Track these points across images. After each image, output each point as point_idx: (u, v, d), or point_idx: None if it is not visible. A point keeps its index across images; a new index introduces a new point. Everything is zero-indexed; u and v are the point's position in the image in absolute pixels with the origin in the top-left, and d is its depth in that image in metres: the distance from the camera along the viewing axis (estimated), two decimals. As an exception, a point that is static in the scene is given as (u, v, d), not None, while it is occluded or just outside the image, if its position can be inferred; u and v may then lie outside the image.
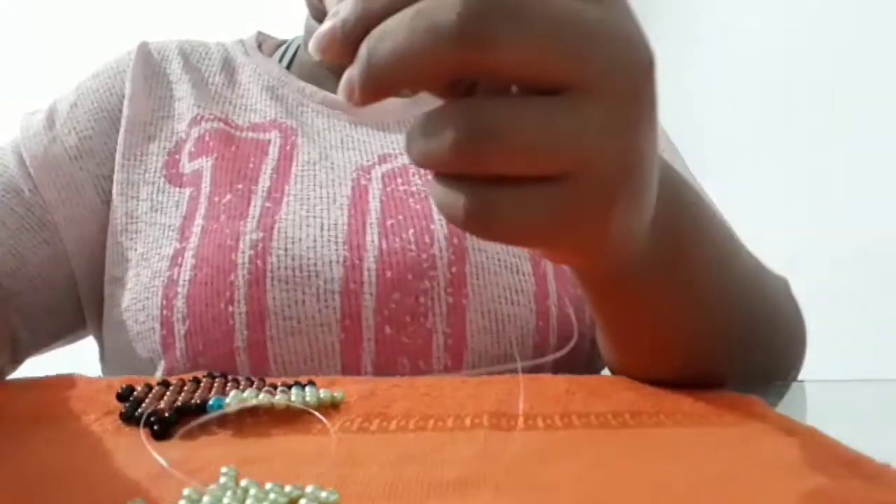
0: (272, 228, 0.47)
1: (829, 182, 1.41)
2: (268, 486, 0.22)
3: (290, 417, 0.32)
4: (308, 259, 0.46)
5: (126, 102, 0.55)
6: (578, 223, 0.23)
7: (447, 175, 0.23)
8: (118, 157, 0.53)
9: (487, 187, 0.22)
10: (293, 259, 0.46)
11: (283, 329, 0.45)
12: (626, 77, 0.22)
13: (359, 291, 0.46)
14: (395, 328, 0.46)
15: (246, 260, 0.46)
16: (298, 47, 0.64)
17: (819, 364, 0.53)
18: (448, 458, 0.27)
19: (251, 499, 0.21)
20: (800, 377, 0.48)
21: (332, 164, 0.53)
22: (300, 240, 0.47)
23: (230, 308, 0.45)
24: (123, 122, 0.54)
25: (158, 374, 0.46)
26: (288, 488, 0.22)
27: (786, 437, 0.29)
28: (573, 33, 0.20)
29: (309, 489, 0.22)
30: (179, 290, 0.46)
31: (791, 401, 0.39)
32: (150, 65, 0.58)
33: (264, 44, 0.65)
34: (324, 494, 0.22)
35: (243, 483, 0.22)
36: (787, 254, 1.10)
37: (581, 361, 0.51)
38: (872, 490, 0.22)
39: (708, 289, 0.35)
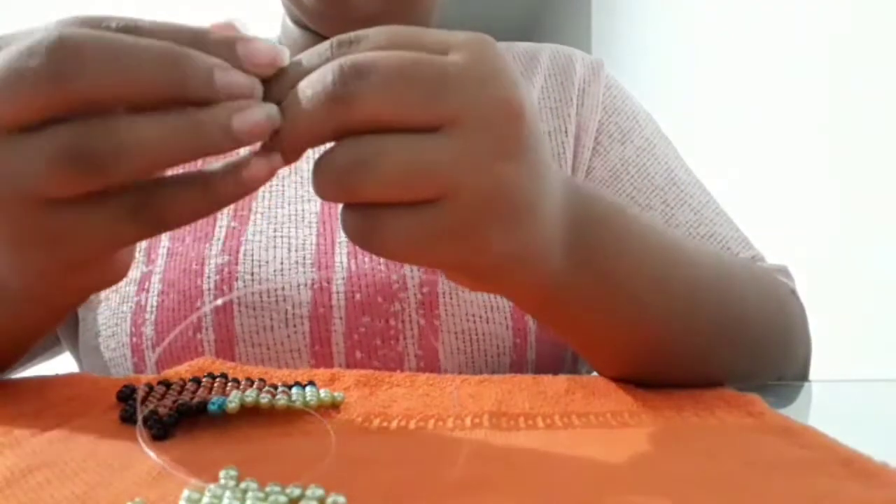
0: (238, 251, 0.46)
1: (829, 181, 1.41)
2: (268, 486, 0.22)
3: (291, 417, 0.32)
4: (275, 283, 0.45)
5: None
6: (451, 241, 0.26)
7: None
8: None
9: (371, 211, 0.26)
10: (260, 283, 0.45)
11: (253, 356, 0.45)
12: (489, 112, 0.25)
13: (328, 316, 0.45)
14: (366, 352, 0.45)
15: (212, 286, 0.45)
16: None
17: (819, 364, 0.53)
18: (448, 458, 0.27)
19: (251, 499, 0.21)
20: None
21: (302, 177, 0.52)
22: (267, 262, 0.46)
23: (199, 335, 0.44)
24: None
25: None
26: (288, 488, 0.22)
27: (784, 436, 0.29)
28: (425, 78, 0.24)
29: (309, 489, 0.22)
30: (147, 316, 0.46)
31: (790, 400, 0.39)
32: None
33: None
34: (331, 498, 0.22)
35: (243, 483, 0.22)
36: (786, 254, 1.10)
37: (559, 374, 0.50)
38: (870, 489, 0.22)
39: (649, 303, 0.35)
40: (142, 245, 0.49)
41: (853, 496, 0.22)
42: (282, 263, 0.46)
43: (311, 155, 0.54)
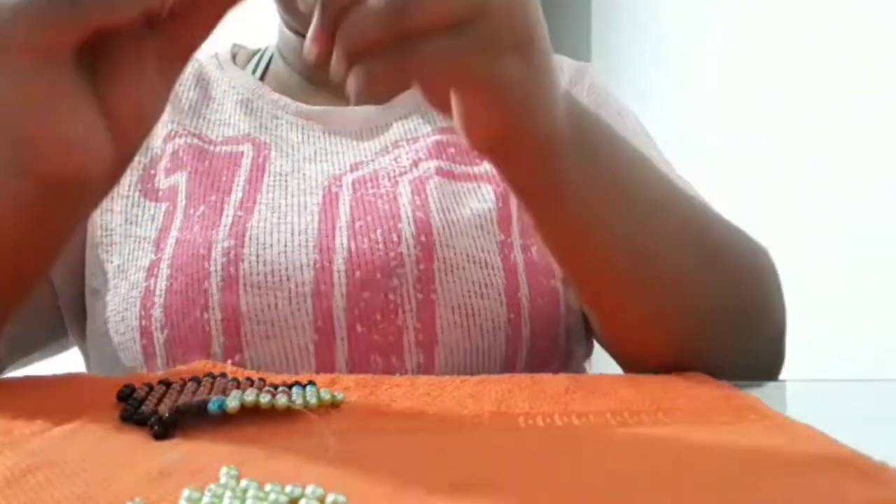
0: (244, 235, 0.48)
1: (829, 181, 1.41)
2: (268, 486, 0.22)
3: (291, 417, 0.32)
4: (279, 264, 0.47)
5: None
6: (480, 57, 0.31)
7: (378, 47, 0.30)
8: None
9: (407, 43, 0.30)
10: (264, 264, 0.47)
11: (258, 333, 0.46)
12: None
13: (329, 293, 0.47)
14: (367, 326, 0.47)
15: (219, 267, 0.47)
16: (271, 58, 0.65)
17: (820, 364, 0.53)
18: (448, 458, 0.27)
19: (251, 499, 0.21)
20: (801, 377, 0.48)
21: (304, 175, 0.53)
22: (271, 245, 0.48)
23: (206, 315, 0.46)
24: None
25: None
26: (288, 488, 0.22)
27: (783, 436, 0.29)
28: None
29: (309, 489, 0.22)
30: (156, 299, 0.47)
31: (791, 400, 0.39)
32: None
33: (238, 55, 0.66)
34: (331, 498, 0.22)
35: (243, 483, 0.22)
36: (786, 253, 1.10)
37: (557, 355, 0.51)
38: (869, 488, 0.23)
39: (638, 209, 0.40)
40: (151, 236, 0.50)
41: (853, 496, 0.22)
42: (285, 246, 0.48)
43: (311, 156, 0.55)
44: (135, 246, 0.50)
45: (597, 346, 0.62)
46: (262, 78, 0.63)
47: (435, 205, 0.50)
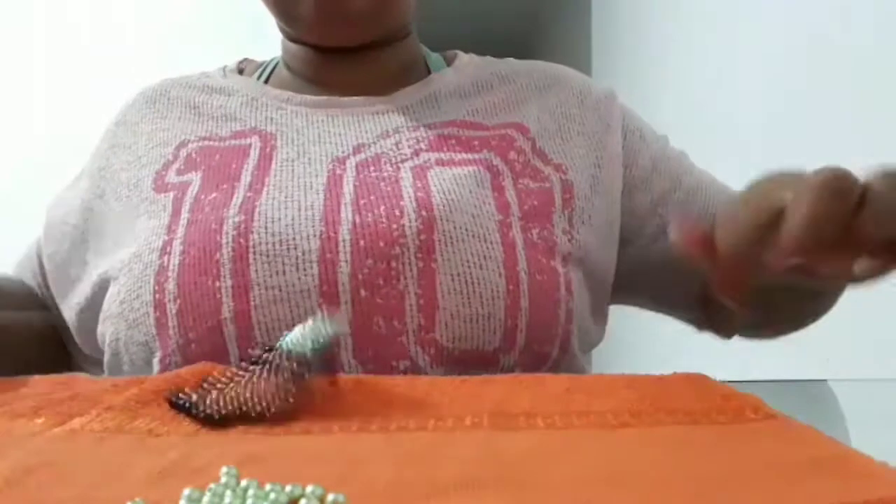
0: (253, 212, 0.51)
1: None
2: (268, 486, 0.22)
3: (291, 418, 0.32)
4: (287, 235, 0.50)
5: (117, 160, 0.60)
6: None
7: None
8: (124, 190, 0.58)
9: None
10: (273, 235, 0.50)
11: (266, 298, 0.48)
12: None
13: (335, 260, 0.49)
14: (370, 291, 0.49)
15: (230, 239, 0.49)
16: (276, 65, 0.68)
17: (821, 364, 0.53)
18: (448, 458, 0.27)
19: (251, 499, 0.21)
20: (801, 377, 0.48)
21: (309, 159, 0.56)
22: (279, 219, 0.51)
23: (217, 283, 0.48)
24: (119, 164, 0.59)
25: (155, 358, 0.49)
26: (288, 488, 0.22)
27: (783, 435, 0.29)
28: None
29: (309, 489, 0.22)
30: (170, 274, 0.49)
31: (790, 400, 0.39)
32: (133, 114, 0.63)
33: (246, 69, 0.68)
34: (331, 497, 0.22)
35: (243, 483, 0.23)
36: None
37: (556, 333, 0.52)
38: (869, 488, 0.23)
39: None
40: (164, 222, 0.53)
41: (853, 496, 0.22)
42: (292, 220, 0.51)
43: (316, 139, 0.57)
44: (149, 234, 0.53)
45: (597, 348, 0.62)
46: (266, 83, 0.65)
47: (436, 188, 0.53)
